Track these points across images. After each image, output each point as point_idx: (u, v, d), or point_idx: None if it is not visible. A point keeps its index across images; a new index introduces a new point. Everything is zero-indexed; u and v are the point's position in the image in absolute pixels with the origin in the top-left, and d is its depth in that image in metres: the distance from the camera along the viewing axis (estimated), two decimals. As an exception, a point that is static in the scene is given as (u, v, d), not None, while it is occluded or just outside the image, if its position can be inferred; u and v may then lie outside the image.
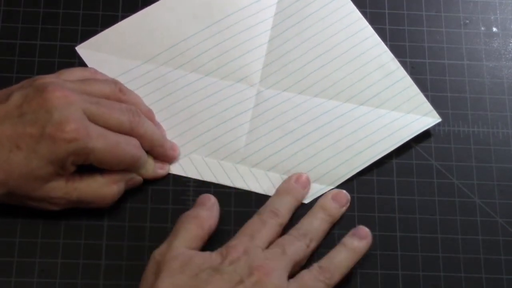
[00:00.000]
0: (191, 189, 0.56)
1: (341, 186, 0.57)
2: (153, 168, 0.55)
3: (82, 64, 0.58)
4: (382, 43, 0.61)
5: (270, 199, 0.55)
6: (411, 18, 0.62)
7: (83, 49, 0.59)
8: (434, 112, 0.59)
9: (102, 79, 0.55)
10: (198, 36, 0.60)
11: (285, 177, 0.56)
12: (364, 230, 0.54)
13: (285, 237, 0.52)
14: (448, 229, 0.56)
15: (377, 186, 0.57)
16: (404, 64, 0.60)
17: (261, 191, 0.56)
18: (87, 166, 0.51)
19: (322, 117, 0.58)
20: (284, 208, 0.54)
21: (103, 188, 0.53)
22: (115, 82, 0.55)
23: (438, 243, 0.56)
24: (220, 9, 0.61)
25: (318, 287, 0.50)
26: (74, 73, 0.54)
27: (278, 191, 0.56)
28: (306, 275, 0.51)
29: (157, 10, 0.61)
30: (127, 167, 0.53)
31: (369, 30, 0.61)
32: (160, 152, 0.56)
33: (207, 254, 0.50)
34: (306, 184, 0.56)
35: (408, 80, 0.60)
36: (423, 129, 0.58)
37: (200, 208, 0.53)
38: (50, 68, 0.58)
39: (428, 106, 0.59)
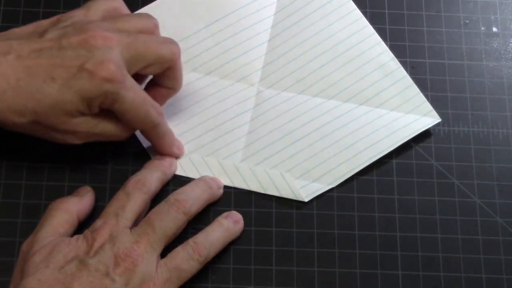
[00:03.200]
0: (191, 189, 0.56)
1: (340, 185, 0.57)
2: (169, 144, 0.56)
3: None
4: (382, 43, 0.61)
5: (137, 172, 0.54)
6: (411, 18, 0.62)
7: (83, 49, 0.59)
8: (434, 112, 0.59)
9: (136, 14, 0.55)
10: (198, 35, 0.60)
11: (286, 176, 0.56)
12: (237, 215, 0.55)
13: (156, 209, 0.51)
14: (448, 229, 0.56)
15: (377, 186, 0.57)
16: (404, 64, 0.60)
17: (261, 191, 0.56)
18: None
19: (322, 117, 0.58)
20: (150, 178, 0.53)
21: (122, 129, 0.53)
22: (149, 17, 0.55)
23: (438, 243, 0.56)
24: (220, 8, 0.61)
25: (191, 267, 0.50)
26: (102, 4, 0.54)
27: (145, 166, 0.55)
28: (179, 255, 0.50)
29: (156, 9, 0.61)
30: (144, 129, 0.53)
31: (369, 29, 0.61)
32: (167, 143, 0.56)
33: (73, 240, 0.49)
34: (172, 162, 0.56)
35: (408, 80, 0.60)
36: (423, 129, 0.58)
37: (68, 196, 0.53)
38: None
39: (428, 106, 0.59)
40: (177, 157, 0.56)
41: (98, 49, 0.49)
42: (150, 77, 0.55)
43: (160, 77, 0.54)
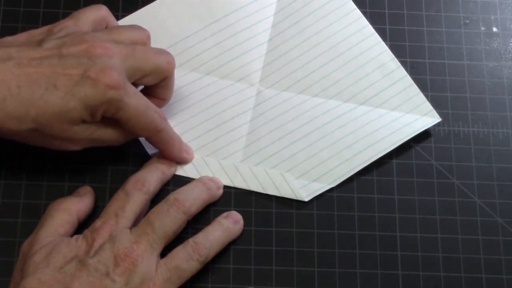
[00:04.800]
0: (191, 189, 0.56)
1: (341, 185, 0.57)
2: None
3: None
4: (382, 42, 0.61)
5: (136, 172, 0.54)
6: (411, 18, 0.62)
7: (83, 48, 0.59)
8: (434, 112, 0.59)
9: (128, 26, 0.55)
10: (198, 35, 0.60)
11: (286, 176, 0.56)
12: (237, 216, 0.55)
13: (156, 209, 0.51)
14: (448, 229, 0.56)
15: (377, 186, 0.57)
16: (404, 64, 0.60)
17: (262, 191, 0.56)
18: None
19: (322, 117, 0.58)
20: (150, 178, 0.53)
21: (121, 134, 0.53)
22: (141, 28, 0.55)
23: (438, 243, 0.56)
24: (220, 8, 0.61)
25: (191, 267, 0.50)
26: (89, 14, 0.54)
27: (144, 166, 0.55)
28: (179, 254, 0.50)
29: (156, 9, 0.61)
30: (149, 135, 0.53)
31: (369, 29, 0.61)
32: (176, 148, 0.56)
33: (72, 240, 0.49)
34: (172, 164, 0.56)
35: (408, 80, 0.60)
36: (422, 129, 0.58)
37: (69, 196, 0.53)
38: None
39: (428, 106, 0.59)
40: (187, 162, 0.56)
41: (99, 58, 0.49)
42: (141, 87, 0.55)
43: (154, 88, 0.54)
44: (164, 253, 0.50)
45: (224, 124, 0.58)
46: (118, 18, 0.60)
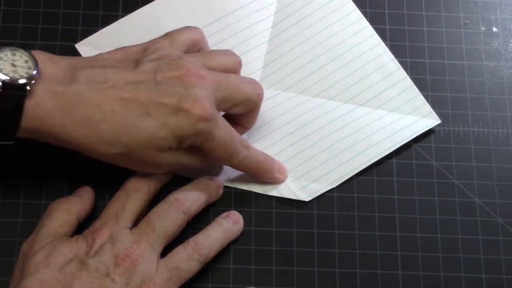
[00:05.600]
0: (191, 189, 0.56)
1: (341, 185, 0.57)
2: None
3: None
4: (383, 44, 0.61)
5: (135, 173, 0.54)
6: (411, 18, 0.62)
7: (83, 47, 0.59)
8: (434, 114, 0.59)
9: (221, 51, 0.56)
10: (198, 35, 0.60)
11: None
12: (237, 216, 0.55)
13: (156, 209, 0.52)
14: (448, 229, 0.56)
15: (377, 186, 0.57)
16: (404, 64, 0.60)
17: (261, 191, 0.56)
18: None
19: (322, 118, 0.58)
20: (150, 177, 0.53)
21: (204, 160, 0.53)
22: (233, 54, 0.55)
23: (438, 243, 0.56)
24: (220, 7, 0.61)
25: (191, 267, 0.50)
26: (184, 35, 0.54)
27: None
28: (179, 254, 0.50)
29: (157, 8, 0.61)
30: (230, 164, 0.54)
31: (369, 30, 0.61)
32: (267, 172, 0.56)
33: (72, 240, 0.49)
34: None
35: (408, 81, 0.60)
36: (422, 131, 0.58)
37: (69, 196, 0.53)
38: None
39: (427, 107, 0.59)
40: (280, 182, 0.56)
41: (193, 87, 0.49)
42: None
43: (239, 116, 0.55)
44: (164, 253, 0.50)
45: (224, 124, 0.58)
46: (118, 18, 0.60)
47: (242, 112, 0.54)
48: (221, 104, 0.51)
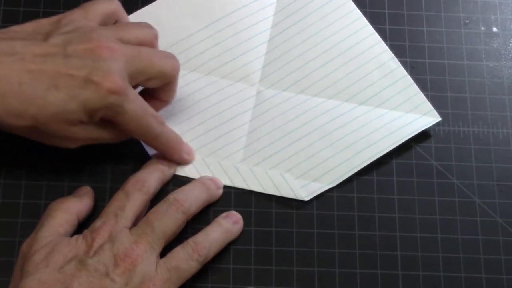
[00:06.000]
0: (191, 189, 0.56)
1: (340, 185, 0.57)
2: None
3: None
4: (382, 42, 0.61)
5: (136, 172, 0.54)
6: (411, 18, 0.62)
7: (83, 48, 0.59)
8: (434, 112, 0.59)
9: (136, 24, 0.55)
10: (198, 35, 0.60)
11: (286, 176, 0.56)
12: (236, 216, 0.55)
13: (155, 209, 0.51)
14: (448, 229, 0.56)
15: (377, 186, 0.57)
16: (404, 64, 0.60)
17: (262, 191, 0.56)
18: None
19: (322, 117, 0.58)
20: (150, 178, 0.53)
21: (117, 134, 0.53)
22: (149, 27, 0.55)
23: (438, 243, 0.56)
24: (220, 8, 0.61)
25: (191, 267, 0.50)
26: (100, 7, 0.53)
27: (144, 166, 0.55)
28: (179, 254, 0.50)
29: (157, 9, 0.61)
30: (145, 140, 0.54)
31: (369, 29, 0.61)
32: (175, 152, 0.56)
33: (72, 240, 0.49)
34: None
35: (408, 79, 0.60)
36: (422, 129, 0.58)
37: (69, 196, 0.53)
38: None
39: (428, 105, 0.59)
40: (187, 163, 0.56)
41: (104, 60, 0.49)
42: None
43: (156, 90, 0.54)
44: (163, 253, 0.50)
45: (224, 124, 0.58)
46: (118, 18, 0.60)
47: (158, 86, 0.53)
48: (134, 77, 0.51)
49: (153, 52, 0.53)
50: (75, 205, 0.52)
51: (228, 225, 0.54)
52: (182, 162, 0.56)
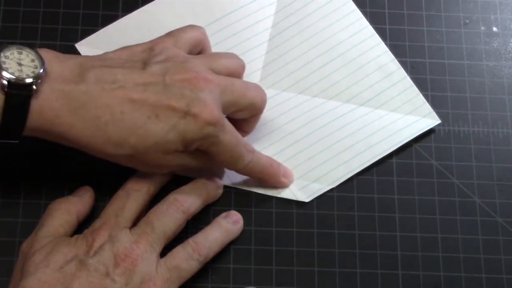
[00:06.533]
0: (191, 189, 0.56)
1: (340, 185, 0.57)
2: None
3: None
4: (383, 44, 0.61)
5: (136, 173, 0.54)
6: (411, 18, 0.62)
7: (83, 46, 0.59)
8: (434, 114, 0.59)
9: (225, 54, 0.56)
10: (198, 35, 0.60)
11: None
12: (236, 216, 0.55)
13: (155, 208, 0.52)
14: (448, 229, 0.56)
15: (377, 186, 0.57)
16: (404, 64, 0.60)
17: (261, 191, 0.56)
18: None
19: (322, 117, 0.58)
20: (150, 177, 0.53)
21: (207, 163, 0.53)
22: (237, 58, 0.55)
23: (438, 243, 0.56)
24: (220, 7, 0.61)
25: (191, 267, 0.50)
26: (188, 35, 0.54)
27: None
28: (179, 254, 0.50)
29: (157, 8, 0.61)
30: (235, 169, 0.54)
31: (369, 30, 0.61)
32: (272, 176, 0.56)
33: (72, 240, 0.49)
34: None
35: (408, 81, 0.60)
36: (422, 131, 0.58)
37: (69, 196, 0.53)
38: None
39: (427, 107, 0.59)
40: (285, 186, 0.56)
41: (201, 91, 0.49)
42: None
43: (240, 121, 0.55)
44: (163, 253, 0.50)
45: (224, 124, 0.58)
46: (118, 18, 0.60)
47: (245, 117, 0.54)
48: (226, 108, 0.52)
49: (245, 84, 0.53)
50: (75, 205, 0.52)
51: (228, 225, 0.54)
52: (281, 186, 0.56)
